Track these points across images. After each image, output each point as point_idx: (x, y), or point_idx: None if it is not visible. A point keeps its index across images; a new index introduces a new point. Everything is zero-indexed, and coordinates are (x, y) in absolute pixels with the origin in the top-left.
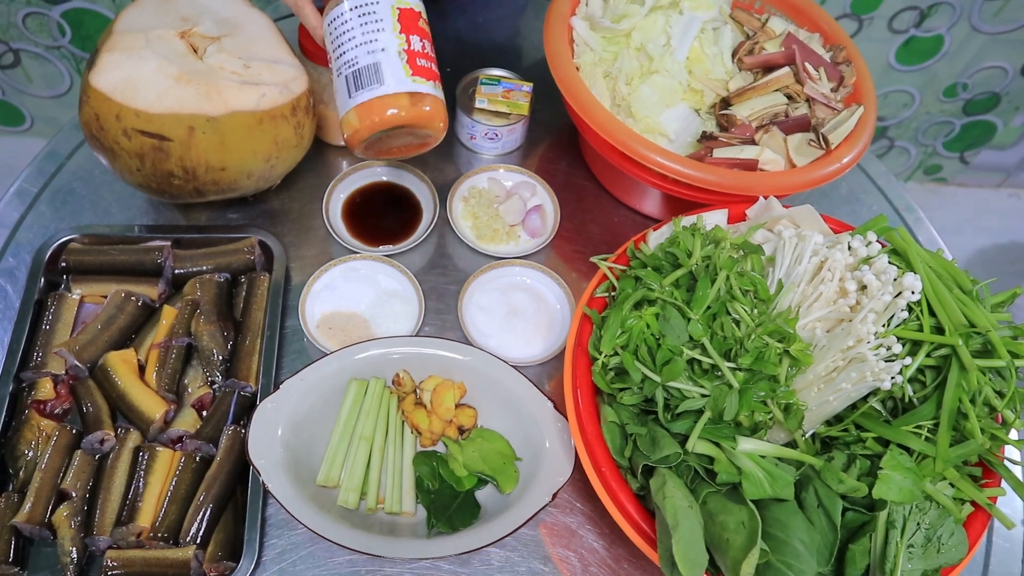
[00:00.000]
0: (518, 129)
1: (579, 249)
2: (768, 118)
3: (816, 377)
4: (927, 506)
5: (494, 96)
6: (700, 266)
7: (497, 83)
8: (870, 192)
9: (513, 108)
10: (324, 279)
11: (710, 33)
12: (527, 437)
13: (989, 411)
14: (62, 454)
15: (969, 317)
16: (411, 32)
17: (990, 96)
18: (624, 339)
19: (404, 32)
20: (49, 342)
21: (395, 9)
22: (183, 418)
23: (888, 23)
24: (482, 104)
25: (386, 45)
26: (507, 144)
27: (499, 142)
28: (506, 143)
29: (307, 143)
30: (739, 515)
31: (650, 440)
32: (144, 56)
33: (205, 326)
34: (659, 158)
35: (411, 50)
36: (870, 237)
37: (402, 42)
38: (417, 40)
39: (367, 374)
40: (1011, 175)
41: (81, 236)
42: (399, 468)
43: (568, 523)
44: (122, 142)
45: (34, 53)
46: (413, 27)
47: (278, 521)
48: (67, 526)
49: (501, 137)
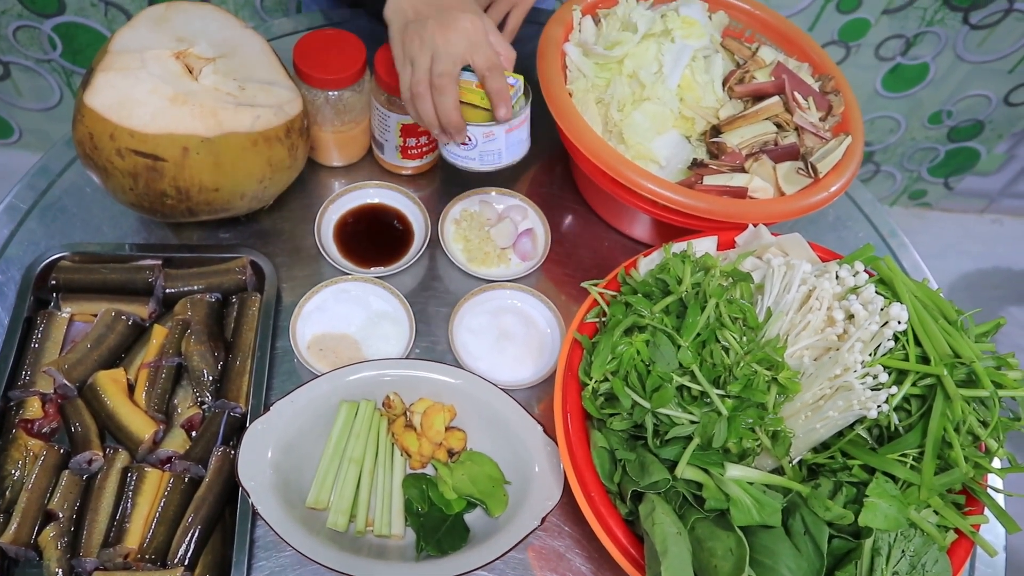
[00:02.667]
0: (500, 137)
1: (569, 273)
2: (758, 146)
3: (804, 405)
4: (912, 533)
5: (468, 84)
6: (690, 293)
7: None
8: (856, 219)
9: (470, 107)
10: (315, 300)
11: (701, 61)
12: (517, 460)
13: (973, 440)
14: (49, 474)
15: (954, 347)
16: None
17: (974, 123)
18: (614, 365)
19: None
20: (38, 360)
21: None
22: (172, 439)
23: (875, 50)
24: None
25: None
26: (486, 158)
27: (474, 150)
28: (484, 155)
29: (300, 164)
30: (727, 541)
31: (639, 466)
32: (139, 76)
33: (195, 346)
34: (650, 184)
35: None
36: (857, 267)
37: None
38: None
39: (357, 396)
40: (994, 201)
41: (72, 254)
42: (388, 490)
43: (556, 547)
44: (116, 161)
45: (24, 66)
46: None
47: (266, 543)
48: (53, 547)
49: (476, 144)
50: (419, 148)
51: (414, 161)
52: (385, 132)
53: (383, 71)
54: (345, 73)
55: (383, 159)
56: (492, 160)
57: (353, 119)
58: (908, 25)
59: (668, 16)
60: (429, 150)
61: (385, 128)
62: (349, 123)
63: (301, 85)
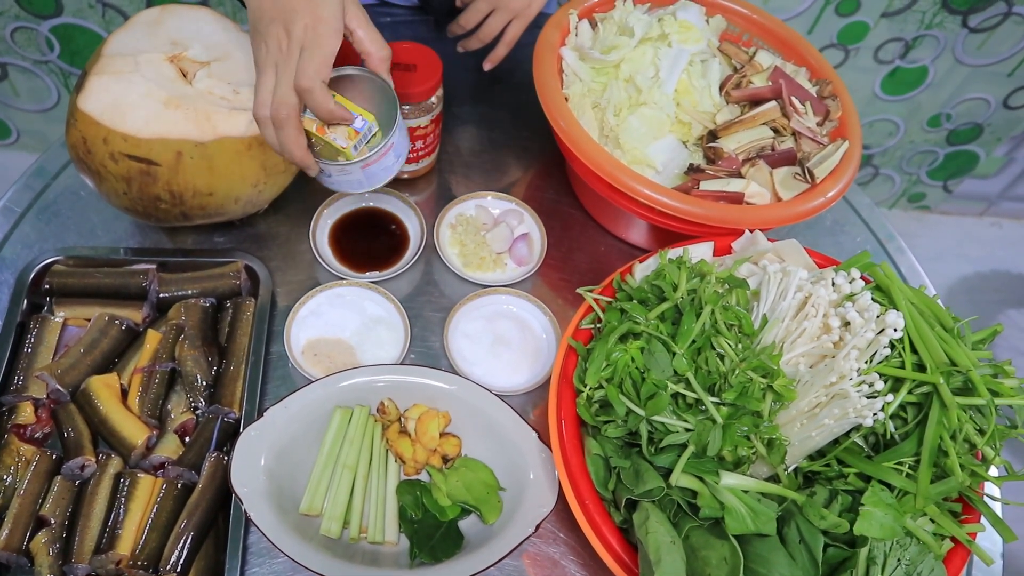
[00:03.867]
0: (354, 172)
1: (565, 278)
2: (755, 151)
3: (799, 412)
4: (908, 542)
5: (309, 122)
6: (685, 300)
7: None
8: (854, 223)
9: (319, 143)
10: (310, 305)
11: (698, 66)
12: (511, 467)
13: (969, 448)
14: (41, 480)
15: (950, 355)
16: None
17: (973, 126)
18: (609, 372)
19: None
20: (31, 365)
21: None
22: (165, 444)
23: (874, 53)
24: (307, 119)
25: None
26: (344, 186)
27: (331, 179)
28: (343, 184)
29: (295, 168)
30: (721, 550)
31: (634, 473)
32: (133, 80)
33: (189, 351)
34: (646, 190)
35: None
36: (853, 274)
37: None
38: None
39: (351, 402)
40: (993, 204)
41: (65, 258)
42: (382, 497)
43: (551, 554)
44: (109, 166)
45: (22, 67)
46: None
47: (259, 550)
48: (45, 553)
49: (331, 175)
50: (415, 152)
51: (410, 165)
52: None
53: None
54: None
55: None
56: (353, 187)
57: None
58: (907, 28)
59: (665, 20)
60: (426, 154)
61: None
62: None
63: None
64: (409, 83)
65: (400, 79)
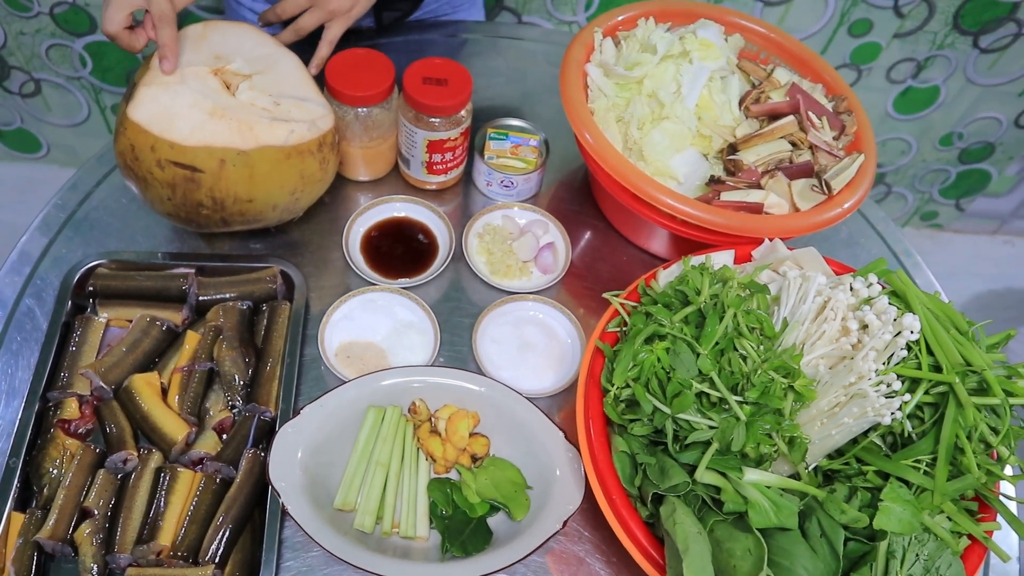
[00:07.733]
0: (534, 179)
1: (589, 286)
2: (773, 164)
3: (819, 412)
4: (926, 538)
5: (503, 151)
6: (708, 304)
7: (505, 137)
8: (869, 236)
9: (522, 162)
10: (343, 309)
11: (718, 82)
12: (538, 466)
13: (985, 447)
14: (85, 473)
15: (965, 356)
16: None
17: (985, 145)
18: (635, 372)
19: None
20: (75, 363)
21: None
22: (204, 440)
23: (886, 73)
24: (492, 159)
25: None
26: (523, 192)
27: (514, 190)
28: (521, 191)
29: (330, 178)
30: (745, 543)
31: (659, 470)
32: (179, 91)
33: (227, 352)
34: (669, 200)
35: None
36: (871, 279)
37: None
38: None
39: (384, 402)
40: (1006, 222)
41: (108, 261)
42: (414, 494)
43: (576, 551)
44: (155, 172)
45: (55, 83)
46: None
47: (294, 543)
48: (89, 543)
49: (517, 186)
50: (444, 164)
51: (439, 176)
52: (412, 148)
53: (411, 89)
54: (375, 91)
55: (409, 174)
56: (527, 192)
57: (381, 135)
58: (919, 49)
59: (686, 38)
60: (454, 166)
61: (412, 144)
62: (377, 139)
63: (332, 102)
64: (440, 97)
65: (431, 93)
